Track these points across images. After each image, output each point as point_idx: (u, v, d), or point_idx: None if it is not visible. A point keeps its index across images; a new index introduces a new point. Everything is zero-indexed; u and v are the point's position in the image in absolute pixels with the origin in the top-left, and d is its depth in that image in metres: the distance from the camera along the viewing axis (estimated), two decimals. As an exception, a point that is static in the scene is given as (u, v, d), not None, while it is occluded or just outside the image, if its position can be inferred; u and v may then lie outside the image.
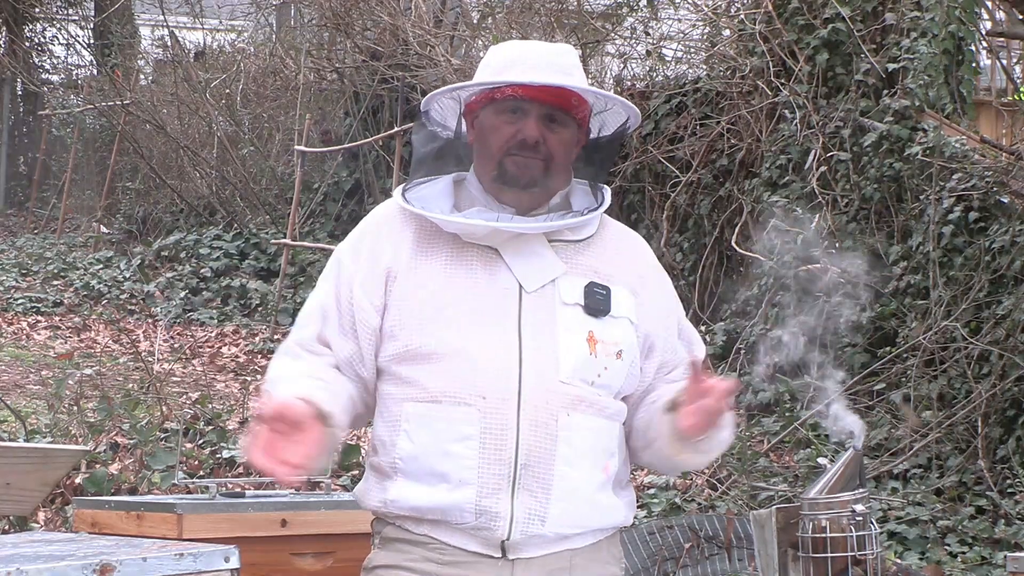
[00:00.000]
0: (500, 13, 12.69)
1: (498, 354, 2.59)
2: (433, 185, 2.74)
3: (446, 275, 2.64)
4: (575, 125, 2.71)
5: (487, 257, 2.66)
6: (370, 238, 2.72)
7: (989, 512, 6.87)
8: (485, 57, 2.75)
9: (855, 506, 2.99)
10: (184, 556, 2.53)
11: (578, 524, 2.63)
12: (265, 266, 13.16)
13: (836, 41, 9.22)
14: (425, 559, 2.63)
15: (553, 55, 2.69)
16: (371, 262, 2.68)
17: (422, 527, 2.63)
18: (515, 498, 2.57)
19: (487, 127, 2.69)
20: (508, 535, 2.58)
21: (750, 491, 7.07)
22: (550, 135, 2.66)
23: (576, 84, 2.67)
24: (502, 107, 2.67)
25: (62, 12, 20.62)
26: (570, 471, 2.60)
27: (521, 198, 2.68)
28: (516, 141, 2.65)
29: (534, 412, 2.58)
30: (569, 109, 2.68)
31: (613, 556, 2.74)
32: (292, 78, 14.36)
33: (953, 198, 8.07)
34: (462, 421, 2.58)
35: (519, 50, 2.72)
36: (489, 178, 2.70)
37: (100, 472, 6.76)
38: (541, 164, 2.66)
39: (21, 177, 19.79)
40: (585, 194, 2.76)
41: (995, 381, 7.26)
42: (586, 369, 2.63)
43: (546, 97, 2.65)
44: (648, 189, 10.46)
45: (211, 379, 9.85)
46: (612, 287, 2.68)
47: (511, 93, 2.65)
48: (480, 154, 2.72)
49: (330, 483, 4.26)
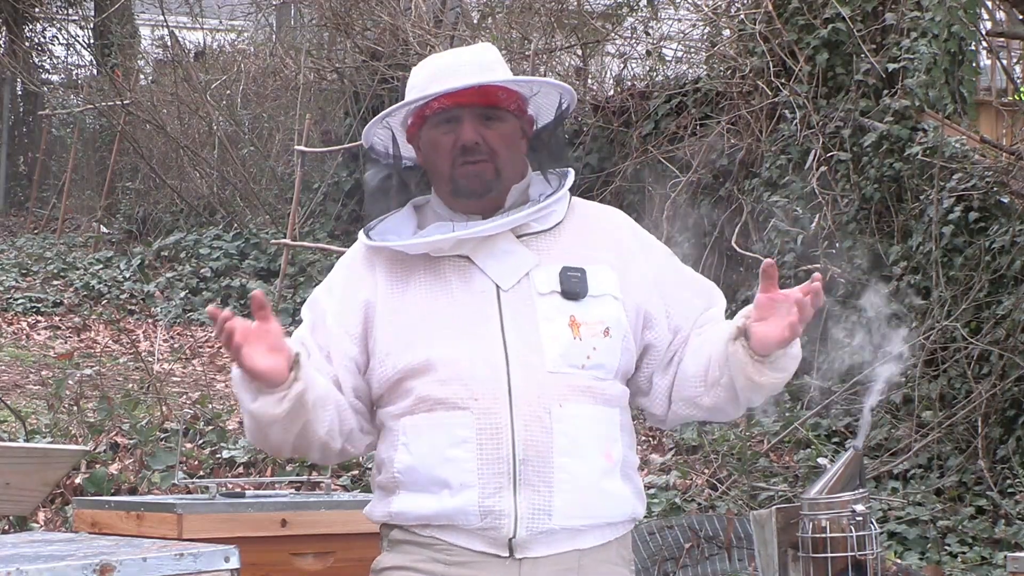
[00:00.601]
0: (500, 13, 12.70)
1: (485, 356, 2.61)
2: (394, 217, 2.78)
3: (425, 294, 2.67)
4: (512, 117, 2.72)
5: (460, 267, 2.68)
6: (342, 277, 2.76)
7: (989, 512, 6.87)
8: (409, 79, 2.76)
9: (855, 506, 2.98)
10: (184, 556, 2.53)
11: (586, 515, 2.62)
12: (265, 266, 13.16)
13: (836, 41, 9.23)
14: (432, 560, 2.64)
15: (470, 56, 2.71)
16: (345, 295, 2.72)
17: (429, 530, 2.64)
18: (518, 495, 2.58)
19: (429, 145, 2.72)
20: (514, 533, 2.58)
21: (750, 491, 7.07)
22: (488, 132, 2.68)
23: (492, 78, 2.69)
24: (436, 120, 2.69)
25: (62, 12, 20.61)
26: (570, 461, 2.60)
27: (482, 204, 2.71)
28: (458, 148, 2.67)
29: (526, 407, 2.59)
30: (500, 104, 2.70)
31: (623, 558, 2.72)
32: (292, 78, 14.35)
33: (953, 198, 8.07)
34: (457, 426, 2.59)
35: (437, 63, 2.73)
36: (447, 194, 2.72)
37: (100, 472, 6.76)
38: (490, 167, 2.68)
39: (21, 177, 19.79)
40: (541, 183, 2.76)
41: (995, 381, 7.26)
42: (572, 354, 2.63)
43: (473, 99, 2.67)
44: (648, 189, 10.46)
45: (211, 379, 9.85)
46: (587, 267, 2.68)
47: (439, 106, 2.68)
48: (433, 173, 2.75)
49: (330, 483, 4.26)
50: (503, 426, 2.58)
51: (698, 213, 10.07)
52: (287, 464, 7.14)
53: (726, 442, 7.61)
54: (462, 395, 2.60)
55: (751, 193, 9.50)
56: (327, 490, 4.17)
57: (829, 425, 7.81)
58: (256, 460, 7.22)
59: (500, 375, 2.60)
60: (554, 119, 2.78)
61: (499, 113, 2.70)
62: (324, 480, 4.26)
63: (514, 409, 2.59)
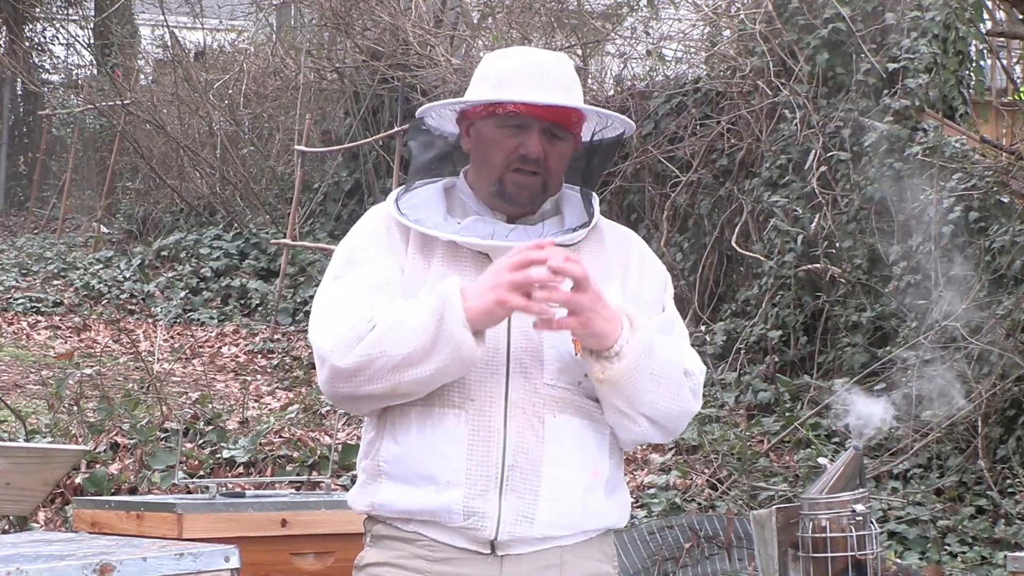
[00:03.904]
0: (500, 13, 12.70)
1: (487, 359, 2.60)
2: (424, 191, 2.75)
3: (439, 279, 2.65)
4: (571, 137, 2.73)
5: (479, 262, 2.67)
6: (384, 234, 2.71)
7: (989, 512, 6.87)
8: (483, 65, 2.74)
9: (855, 506, 2.99)
10: (184, 556, 2.53)
11: (567, 525, 2.64)
12: (265, 266, 13.16)
13: (836, 41, 9.22)
14: (415, 556, 2.64)
15: (554, 69, 2.70)
16: (393, 255, 2.68)
17: (411, 525, 2.65)
18: (503, 499, 2.59)
19: (487, 140, 2.69)
20: (496, 535, 2.59)
21: (750, 491, 7.07)
22: (551, 150, 2.68)
23: (580, 103, 2.69)
24: (504, 122, 2.67)
25: (62, 12, 20.63)
26: (558, 472, 2.61)
27: (516, 210, 2.71)
28: (518, 155, 2.66)
29: (521, 415, 2.60)
30: (569, 125, 2.70)
31: (605, 554, 2.74)
32: (292, 78, 14.36)
33: (953, 198, 8.07)
34: (451, 424, 2.60)
35: (519, 62, 2.71)
36: (487, 192, 2.71)
37: (100, 472, 6.77)
38: (540, 181, 2.68)
39: (21, 177, 19.80)
40: (577, 205, 2.76)
41: (995, 381, 7.26)
42: (571, 370, 2.64)
43: (548, 114, 2.66)
44: (648, 189, 10.46)
45: (211, 379, 9.86)
46: (600, 287, 2.68)
47: (514, 109, 2.66)
48: (479, 165, 2.73)
49: (330, 483, 4.27)
50: (496, 430, 2.59)
51: (698, 213, 10.07)
52: (287, 464, 7.15)
53: (726, 442, 7.61)
54: (458, 393, 2.60)
55: (751, 193, 9.50)
56: (327, 490, 4.17)
57: (829, 425, 7.81)
58: (256, 460, 7.23)
59: (499, 380, 2.60)
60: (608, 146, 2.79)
61: (564, 133, 2.70)
62: (324, 480, 4.26)
63: (509, 415, 2.59)
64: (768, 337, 8.86)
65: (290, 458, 7.21)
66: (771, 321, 8.99)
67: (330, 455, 5.82)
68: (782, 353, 8.89)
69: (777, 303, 9.03)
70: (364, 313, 2.56)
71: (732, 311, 9.63)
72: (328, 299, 2.65)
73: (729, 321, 9.42)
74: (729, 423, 8.09)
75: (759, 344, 8.98)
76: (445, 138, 2.79)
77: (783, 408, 8.20)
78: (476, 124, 2.71)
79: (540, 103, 2.64)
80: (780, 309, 9.02)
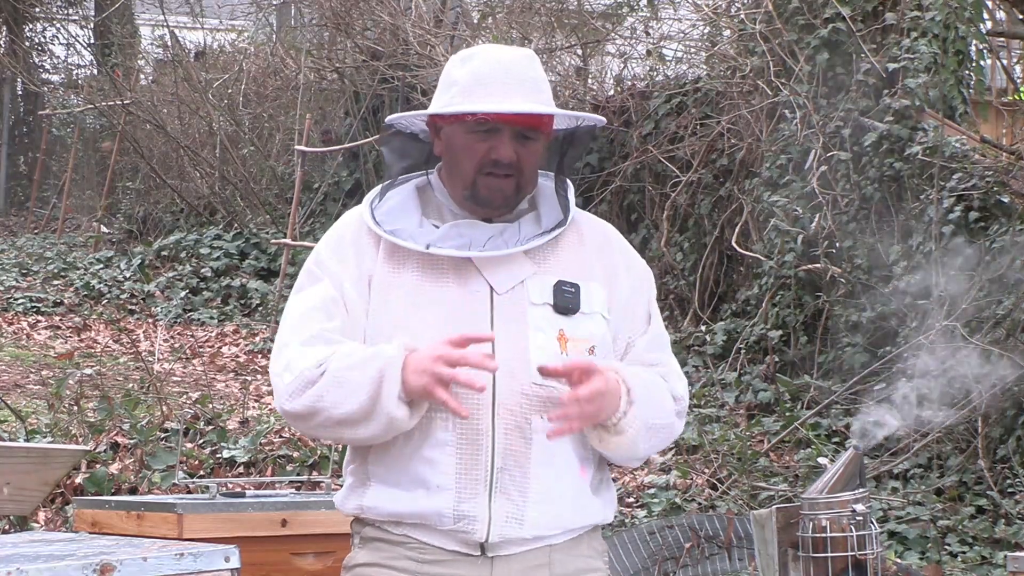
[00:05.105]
0: (500, 13, 12.70)
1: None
2: (397, 194, 2.73)
3: (418, 281, 2.64)
4: (543, 137, 2.71)
5: (458, 263, 2.65)
6: (350, 242, 2.70)
7: (989, 512, 6.88)
8: (449, 68, 2.71)
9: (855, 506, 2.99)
10: (184, 556, 2.53)
11: (556, 525, 2.64)
12: (265, 266, 13.16)
13: (836, 41, 9.22)
14: (405, 558, 2.64)
15: (522, 70, 2.66)
16: (356, 265, 2.67)
17: (401, 528, 2.64)
18: (492, 501, 2.58)
19: (458, 145, 2.67)
20: (486, 537, 2.59)
21: (750, 491, 7.07)
22: (523, 151, 2.65)
23: (551, 104, 2.68)
24: (474, 127, 2.64)
25: (62, 12, 20.62)
26: (545, 473, 2.61)
27: (491, 212, 2.70)
28: (489, 159, 2.64)
29: (508, 415, 2.59)
30: (540, 127, 2.68)
31: (594, 550, 2.74)
32: (292, 78, 14.36)
33: (953, 198, 8.08)
34: (439, 427, 2.59)
35: (486, 65, 2.67)
36: (460, 196, 2.69)
37: (100, 472, 6.77)
38: (513, 183, 2.66)
39: (21, 177, 19.79)
40: (552, 200, 2.74)
41: (995, 381, 7.26)
42: None
43: (519, 119, 2.64)
44: (648, 189, 10.46)
45: (211, 379, 9.85)
46: (582, 283, 2.68)
47: (483, 116, 2.63)
48: (450, 169, 2.70)
49: (330, 483, 4.27)
50: (484, 432, 2.58)
51: (698, 213, 10.08)
52: (287, 464, 7.15)
53: (726, 442, 7.61)
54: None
55: (751, 193, 9.50)
56: (327, 490, 4.17)
57: (829, 425, 7.81)
58: (256, 460, 7.23)
59: (485, 380, 2.56)
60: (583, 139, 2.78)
61: (535, 134, 2.68)
62: (324, 480, 4.26)
63: (496, 416, 2.58)
64: (768, 337, 8.86)
65: (290, 458, 7.22)
66: (771, 321, 8.99)
67: (330, 455, 5.82)
68: (782, 353, 8.90)
69: (777, 303, 9.03)
70: (317, 354, 2.59)
71: (732, 311, 9.63)
72: (289, 321, 2.67)
73: (729, 321, 9.42)
74: (729, 423, 8.09)
75: (759, 344, 8.99)
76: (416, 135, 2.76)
77: (783, 408, 8.20)
78: (445, 129, 2.69)
79: (510, 112, 2.61)
80: (780, 309, 9.02)
